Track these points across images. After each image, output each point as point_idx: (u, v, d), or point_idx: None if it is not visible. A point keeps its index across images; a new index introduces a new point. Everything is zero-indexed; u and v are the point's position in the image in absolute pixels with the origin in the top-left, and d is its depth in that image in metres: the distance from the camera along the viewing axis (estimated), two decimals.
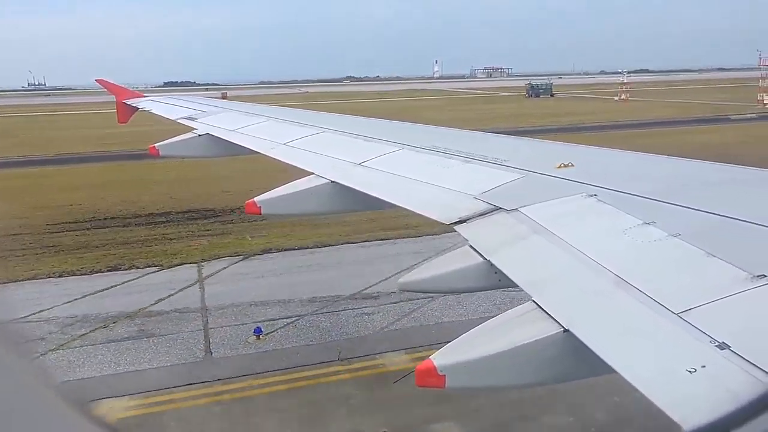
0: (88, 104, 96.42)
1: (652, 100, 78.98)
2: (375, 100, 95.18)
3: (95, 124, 60.09)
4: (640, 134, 42.72)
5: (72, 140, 48.05)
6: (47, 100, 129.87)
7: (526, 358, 3.04)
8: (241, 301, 14.39)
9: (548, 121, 50.80)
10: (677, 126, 47.50)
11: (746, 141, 37.20)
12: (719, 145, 34.76)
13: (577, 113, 60.30)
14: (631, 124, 49.50)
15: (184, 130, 12.04)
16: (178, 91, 75.54)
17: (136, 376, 11.24)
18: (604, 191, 4.57)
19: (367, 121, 11.26)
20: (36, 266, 17.32)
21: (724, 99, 73.52)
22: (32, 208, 24.29)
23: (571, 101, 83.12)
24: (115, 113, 18.74)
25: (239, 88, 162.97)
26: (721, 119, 52.31)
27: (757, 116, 53.33)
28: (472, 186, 5.43)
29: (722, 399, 2.15)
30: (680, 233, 3.52)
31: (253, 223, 20.09)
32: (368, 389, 10.57)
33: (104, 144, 43.99)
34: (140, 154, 35.37)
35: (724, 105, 65.13)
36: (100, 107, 79.78)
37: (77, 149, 42.54)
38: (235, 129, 10.86)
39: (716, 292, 2.83)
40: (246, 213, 7.01)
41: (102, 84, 19.77)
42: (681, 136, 39.91)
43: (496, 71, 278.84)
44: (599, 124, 49.41)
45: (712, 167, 5.35)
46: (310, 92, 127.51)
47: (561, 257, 3.71)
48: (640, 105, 70.48)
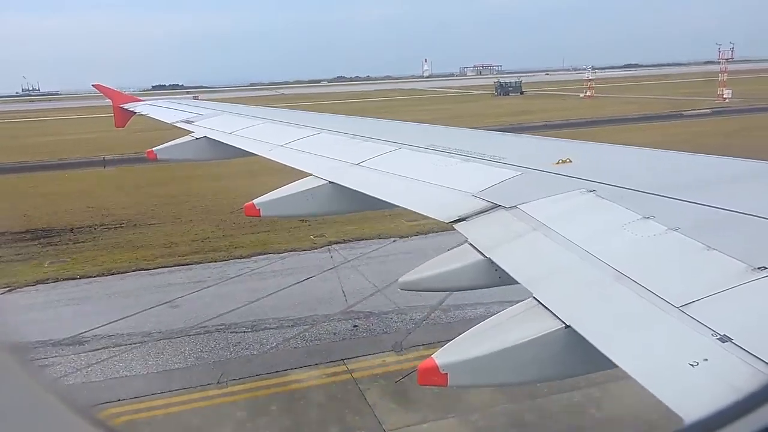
0: (62, 110, 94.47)
1: (618, 96, 76.37)
2: (341, 101, 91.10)
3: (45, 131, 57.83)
4: (574, 133, 39.44)
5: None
6: (32, 105, 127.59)
7: (527, 354, 3.04)
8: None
9: (500, 121, 48.96)
10: (621, 124, 45.52)
11: (683, 140, 34.44)
12: (647, 144, 32.58)
13: (532, 111, 58.40)
14: (575, 123, 47.01)
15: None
16: (166, 94, 74.43)
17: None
18: (602, 186, 4.57)
19: (364, 122, 11.27)
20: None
21: (689, 94, 71.53)
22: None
23: (537, 99, 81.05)
24: (107, 118, 18.26)
25: (219, 91, 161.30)
26: (674, 115, 50.60)
27: (711, 111, 51.80)
28: (471, 184, 5.43)
29: (724, 391, 2.15)
30: (679, 227, 3.52)
31: (79, 245, 19.21)
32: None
33: (34, 153, 40.51)
34: (57, 164, 34.56)
35: (686, 100, 63.49)
36: (74, 113, 78.48)
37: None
38: (232, 131, 10.86)
39: (717, 285, 2.83)
40: (246, 215, 7.01)
41: (98, 88, 19.74)
42: (614, 134, 37.00)
43: (485, 69, 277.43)
44: (544, 123, 47.33)
45: (710, 160, 5.35)
46: (285, 94, 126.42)
47: (561, 253, 3.71)
48: (601, 102, 68.32)
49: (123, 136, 29.23)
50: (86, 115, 74.55)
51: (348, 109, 68.66)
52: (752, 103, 56.75)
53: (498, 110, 63.36)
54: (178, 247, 18.69)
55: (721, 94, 61.75)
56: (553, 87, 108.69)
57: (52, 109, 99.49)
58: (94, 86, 19.99)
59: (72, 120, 73.26)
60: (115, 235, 20.49)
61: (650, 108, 56.55)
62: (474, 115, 55.21)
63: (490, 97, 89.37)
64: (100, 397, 10.16)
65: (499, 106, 71.50)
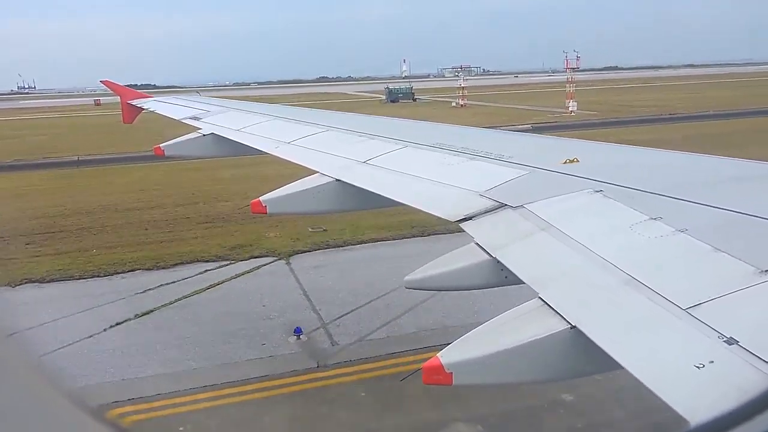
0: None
1: (485, 105, 69.99)
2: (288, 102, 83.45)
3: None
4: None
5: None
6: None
7: (533, 354, 3.04)
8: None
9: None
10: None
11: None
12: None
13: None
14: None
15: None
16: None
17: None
18: (609, 187, 4.56)
19: (371, 120, 11.27)
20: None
21: (548, 104, 64.06)
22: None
23: (420, 107, 74.47)
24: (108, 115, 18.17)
25: (188, 91, 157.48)
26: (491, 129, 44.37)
27: (532, 127, 45.40)
28: (478, 183, 5.42)
29: (730, 394, 2.14)
30: (687, 228, 3.51)
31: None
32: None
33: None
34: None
35: (535, 111, 58.62)
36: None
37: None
38: (239, 128, 10.88)
39: (724, 287, 2.83)
40: (252, 213, 7.02)
41: (107, 85, 19.81)
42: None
43: (464, 70, 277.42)
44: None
45: (718, 161, 5.32)
46: (249, 96, 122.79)
47: (567, 253, 3.70)
48: (465, 111, 63.03)
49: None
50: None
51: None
52: (591, 117, 52.95)
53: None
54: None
55: (568, 106, 57.59)
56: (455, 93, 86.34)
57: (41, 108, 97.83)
58: (103, 82, 20.04)
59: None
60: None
61: (493, 119, 50.74)
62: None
63: (378, 104, 79.93)
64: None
65: (379, 114, 62.41)
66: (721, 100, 64.82)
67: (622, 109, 58.92)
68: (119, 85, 19.77)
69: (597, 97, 70.79)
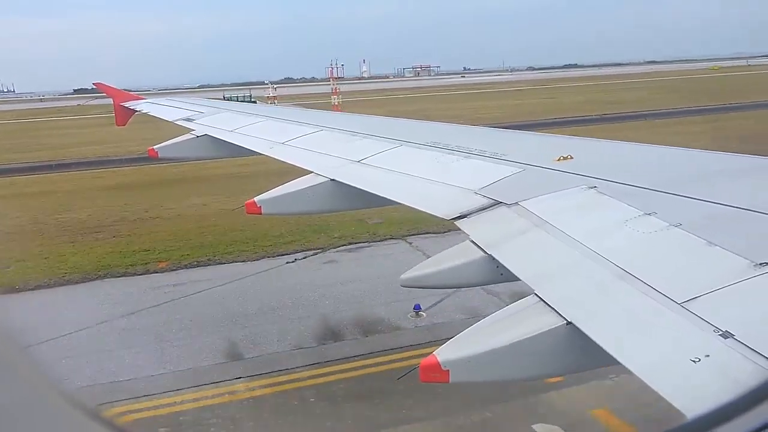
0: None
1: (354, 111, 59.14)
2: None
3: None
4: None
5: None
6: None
7: (529, 351, 3.04)
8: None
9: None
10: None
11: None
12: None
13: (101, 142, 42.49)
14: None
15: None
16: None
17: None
18: (603, 183, 4.57)
19: (364, 119, 11.27)
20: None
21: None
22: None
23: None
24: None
25: (154, 94, 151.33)
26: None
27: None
28: (472, 181, 5.43)
29: (726, 387, 2.15)
30: (681, 223, 3.52)
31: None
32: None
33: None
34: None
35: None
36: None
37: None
38: (233, 129, 10.85)
39: (719, 281, 2.83)
40: (247, 213, 7.01)
41: (99, 87, 19.74)
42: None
43: (424, 70, 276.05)
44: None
45: (711, 156, 5.34)
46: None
47: (562, 250, 3.71)
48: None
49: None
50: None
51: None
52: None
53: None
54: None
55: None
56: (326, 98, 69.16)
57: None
58: (95, 85, 19.99)
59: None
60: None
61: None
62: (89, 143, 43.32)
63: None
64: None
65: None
66: (547, 107, 56.27)
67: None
68: (112, 87, 19.68)
69: (410, 107, 60.09)
